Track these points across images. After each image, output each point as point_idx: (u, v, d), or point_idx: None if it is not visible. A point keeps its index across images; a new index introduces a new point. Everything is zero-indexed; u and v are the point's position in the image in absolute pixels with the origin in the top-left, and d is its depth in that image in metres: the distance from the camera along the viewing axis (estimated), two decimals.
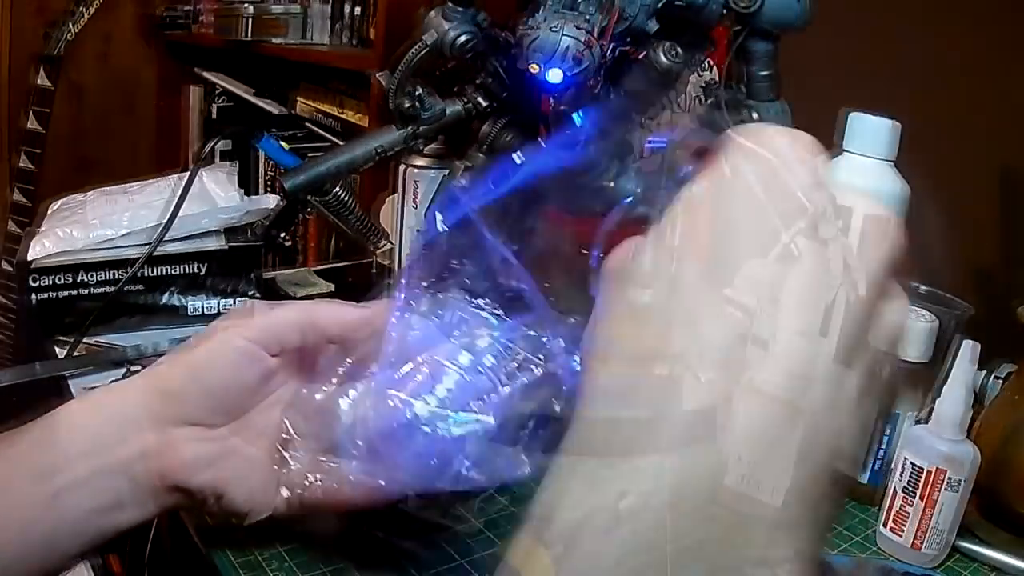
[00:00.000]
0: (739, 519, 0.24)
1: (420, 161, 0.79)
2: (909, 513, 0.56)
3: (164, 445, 0.43)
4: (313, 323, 0.45)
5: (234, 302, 0.89)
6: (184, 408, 0.44)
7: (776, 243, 0.25)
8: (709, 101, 0.61)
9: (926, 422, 0.57)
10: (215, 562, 0.50)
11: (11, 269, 1.59)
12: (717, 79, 0.73)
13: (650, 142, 0.66)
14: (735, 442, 0.24)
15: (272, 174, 1.66)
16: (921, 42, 0.87)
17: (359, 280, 1.05)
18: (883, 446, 0.62)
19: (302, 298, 0.95)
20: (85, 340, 0.81)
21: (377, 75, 0.68)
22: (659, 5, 0.60)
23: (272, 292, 0.96)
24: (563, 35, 0.57)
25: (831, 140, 0.65)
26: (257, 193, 1.58)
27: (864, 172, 0.62)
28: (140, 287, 0.85)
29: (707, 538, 0.24)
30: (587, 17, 0.58)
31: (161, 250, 0.84)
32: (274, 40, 1.57)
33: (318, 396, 0.45)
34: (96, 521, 0.42)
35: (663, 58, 0.59)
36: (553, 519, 0.25)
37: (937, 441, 0.55)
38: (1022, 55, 0.80)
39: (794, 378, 0.24)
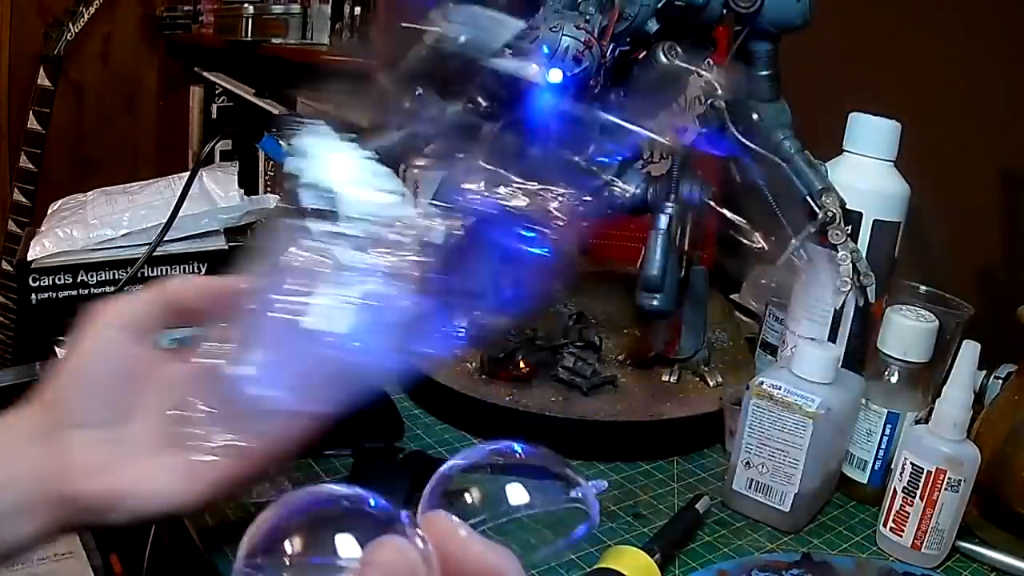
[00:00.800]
0: None
1: (420, 161, 0.79)
2: (909, 513, 0.56)
3: (55, 455, 0.41)
4: (164, 298, 0.45)
5: None
6: (68, 412, 0.42)
7: None
8: (709, 101, 0.61)
9: (926, 422, 0.57)
10: (215, 562, 0.50)
11: (11, 269, 1.59)
12: None
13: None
14: None
15: (272, 174, 1.66)
16: (922, 43, 0.87)
17: None
18: (884, 446, 0.62)
19: None
20: None
21: (378, 75, 0.68)
22: (659, 5, 0.60)
23: None
24: (563, 35, 0.57)
25: (832, 140, 0.65)
26: (257, 193, 1.58)
27: (865, 172, 0.62)
28: (140, 287, 0.84)
29: None
30: (587, 17, 0.58)
31: (161, 250, 0.84)
32: (275, 40, 1.57)
33: (222, 365, 0.43)
34: None
35: (663, 58, 0.59)
36: None
37: (938, 441, 0.55)
38: (1022, 55, 0.80)
39: None
